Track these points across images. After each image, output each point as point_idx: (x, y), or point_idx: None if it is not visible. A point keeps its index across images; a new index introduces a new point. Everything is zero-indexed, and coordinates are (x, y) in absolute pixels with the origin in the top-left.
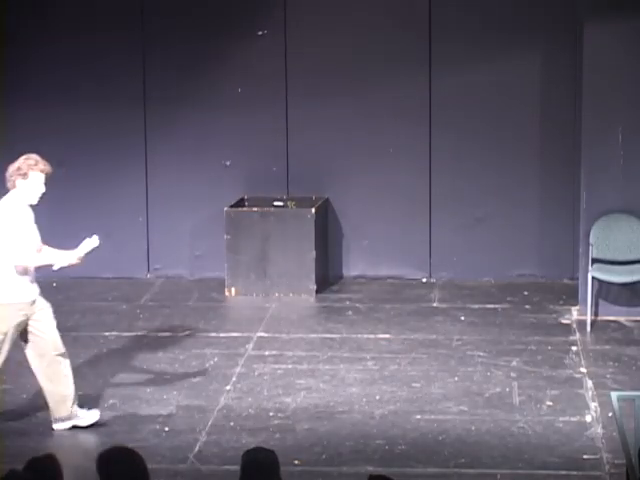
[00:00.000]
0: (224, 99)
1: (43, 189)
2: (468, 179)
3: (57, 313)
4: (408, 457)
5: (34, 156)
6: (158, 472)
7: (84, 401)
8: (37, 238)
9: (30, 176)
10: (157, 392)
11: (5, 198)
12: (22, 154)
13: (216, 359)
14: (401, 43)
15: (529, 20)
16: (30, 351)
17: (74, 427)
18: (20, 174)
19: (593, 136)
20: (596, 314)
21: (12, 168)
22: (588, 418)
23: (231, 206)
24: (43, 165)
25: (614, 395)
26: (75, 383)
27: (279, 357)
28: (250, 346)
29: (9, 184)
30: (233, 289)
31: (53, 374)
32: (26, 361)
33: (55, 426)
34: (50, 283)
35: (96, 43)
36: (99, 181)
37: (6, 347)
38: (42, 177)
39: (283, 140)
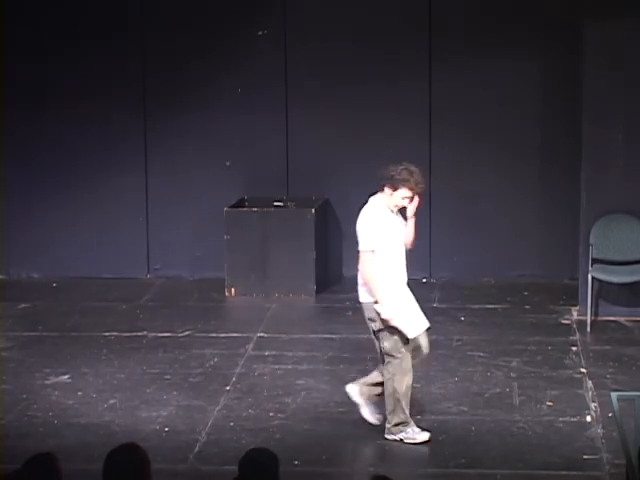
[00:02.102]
0: (224, 99)
1: (405, 204)
2: (468, 179)
3: (57, 313)
4: (408, 457)
5: (413, 170)
6: (158, 472)
7: (86, 402)
8: (394, 245)
9: (398, 191)
10: (157, 392)
11: (373, 199)
12: (21, 156)
13: (216, 359)
14: (401, 43)
15: (529, 20)
16: None
17: (77, 427)
18: (390, 185)
19: (593, 136)
20: (596, 314)
21: (387, 172)
22: (588, 418)
23: (231, 206)
24: (415, 184)
25: (614, 395)
26: (74, 383)
27: (279, 357)
28: (250, 346)
29: (381, 185)
30: (233, 289)
31: None
32: (25, 361)
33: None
34: (50, 283)
35: (96, 43)
36: (99, 181)
37: None
38: (409, 194)
39: (283, 140)
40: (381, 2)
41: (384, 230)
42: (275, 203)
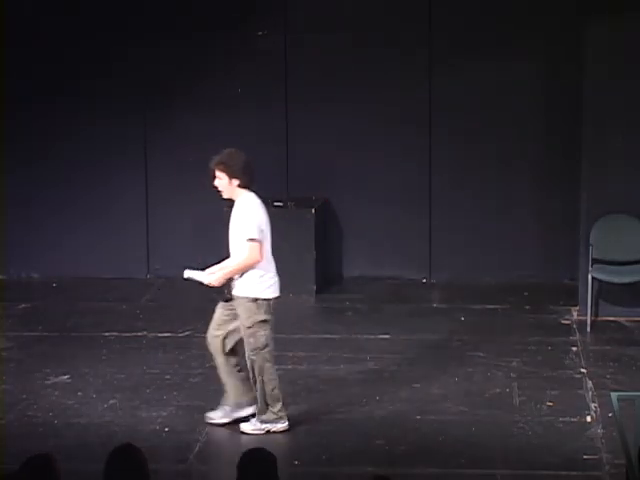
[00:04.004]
0: (224, 99)
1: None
2: (468, 179)
3: (57, 313)
4: (408, 457)
5: None
6: (158, 472)
7: (86, 402)
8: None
9: None
10: (157, 392)
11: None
12: (21, 156)
13: None
14: (401, 43)
15: (530, 20)
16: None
17: (77, 427)
18: None
19: (594, 136)
20: (596, 314)
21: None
22: (588, 418)
23: (231, 206)
24: None
25: (614, 395)
26: (74, 383)
27: (279, 357)
28: None
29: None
30: None
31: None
32: (25, 361)
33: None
34: (50, 283)
35: (95, 44)
36: (99, 181)
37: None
38: None
39: (283, 140)
40: (381, 2)
41: None
42: (275, 203)
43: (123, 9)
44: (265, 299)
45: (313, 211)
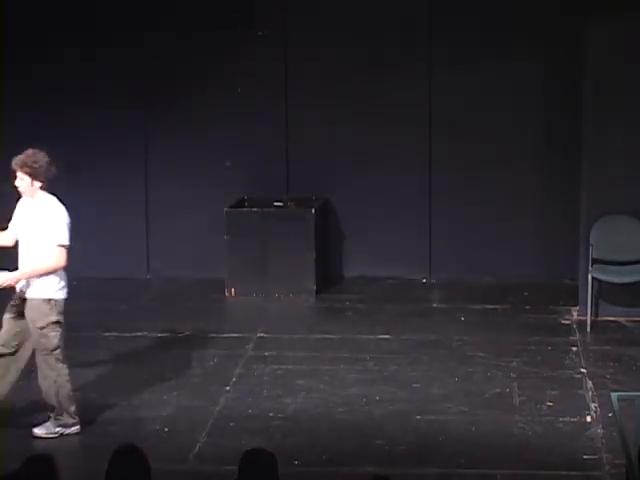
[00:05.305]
0: (224, 99)
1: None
2: (468, 179)
3: None
4: (408, 457)
5: None
6: (158, 472)
7: (86, 402)
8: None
9: None
10: (157, 392)
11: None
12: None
13: (216, 359)
14: (401, 43)
15: (529, 20)
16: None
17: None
18: None
19: (594, 136)
20: (596, 314)
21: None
22: (588, 418)
23: (231, 206)
24: None
25: (614, 395)
26: (74, 383)
27: (279, 358)
28: (250, 346)
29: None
30: (233, 289)
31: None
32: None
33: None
34: None
35: (96, 43)
36: (99, 181)
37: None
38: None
39: (283, 140)
40: (381, 2)
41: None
42: (275, 203)
43: (123, 9)
44: (58, 299)
45: (313, 211)
